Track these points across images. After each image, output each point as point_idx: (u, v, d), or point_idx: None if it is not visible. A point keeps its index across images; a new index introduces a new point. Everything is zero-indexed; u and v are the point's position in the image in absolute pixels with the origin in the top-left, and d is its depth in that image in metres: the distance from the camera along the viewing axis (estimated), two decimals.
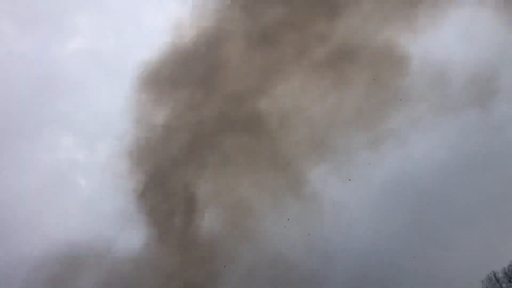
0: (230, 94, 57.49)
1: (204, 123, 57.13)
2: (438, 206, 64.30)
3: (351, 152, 61.48)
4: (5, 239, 55.91)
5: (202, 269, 51.12)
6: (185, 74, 59.32)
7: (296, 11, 58.66)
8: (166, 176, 54.74)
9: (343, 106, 60.77)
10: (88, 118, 71.79)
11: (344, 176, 61.13)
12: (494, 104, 61.67)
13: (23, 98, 69.26)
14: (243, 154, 57.01)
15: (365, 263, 62.90)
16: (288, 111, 59.85)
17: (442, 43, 62.29)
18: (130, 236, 51.87)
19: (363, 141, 61.60)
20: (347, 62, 59.95)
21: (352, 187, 64.46)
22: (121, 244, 51.92)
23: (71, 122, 72.45)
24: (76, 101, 72.77)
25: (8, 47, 70.93)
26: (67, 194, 56.93)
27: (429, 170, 66.00)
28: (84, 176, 63.30)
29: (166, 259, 50.97)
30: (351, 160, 61.65)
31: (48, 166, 65.84)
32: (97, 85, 76.33)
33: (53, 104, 70.93)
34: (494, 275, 47.31)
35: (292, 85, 59.82)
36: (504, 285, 46.69)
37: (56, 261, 50.54)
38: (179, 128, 56.80)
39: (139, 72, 59.21)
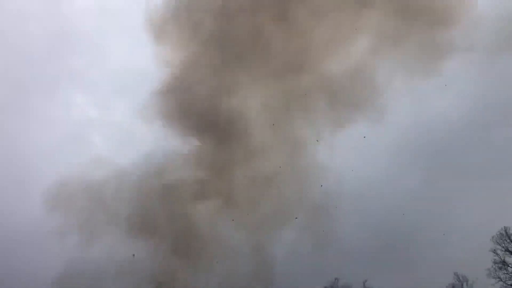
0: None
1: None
2: (452, 162, 63.29)
3: (367, 106, 59.95)
4: (22, 195, 58.84)
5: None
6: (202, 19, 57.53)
7: None
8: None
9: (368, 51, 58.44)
10: (101, 75, 72.49)
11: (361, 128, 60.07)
12: None
13: (36, 56, 69.99)
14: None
15: (379, 219, 63.40)
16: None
17: None
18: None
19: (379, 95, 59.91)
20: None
21: (368, 143, 63.69)
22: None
23: (84, 79, 73.35)
24: (88, 58, 73.36)
25: (20, 5, 70.76)
26: (82, 151, 58.36)
27: (446, 125, 64.37)
28: (99, 133, 64.48)
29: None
30: (366, 115, 60.28)
31: (63, 124, 67.43)
32: (109, 41, 76.22)
33: (66, 61, 71.62)
34: (505, 230, 47.07)
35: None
36: None
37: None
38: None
39: (151, 23, 58.01)
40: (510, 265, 46.08)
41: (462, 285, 48.52)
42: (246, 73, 55.76)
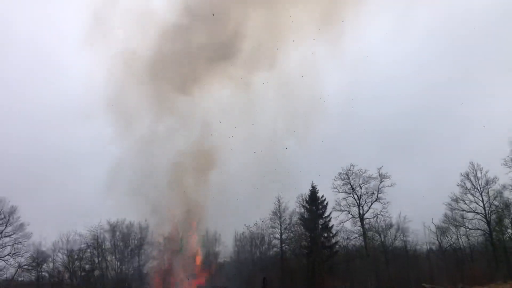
0: None
1: None
2: (483, 52, 60.46)
3: None
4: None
5: None
6: None
7: None
8: None
9: None
10: None
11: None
12: None
13: None
14: None
15: (411, 108, 63.04)
16: None
17: None
18: None
19: None
20: None
21: (400, 27, 60.46)
22: None
23: None
24: None
25: None
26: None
27: (482, 16, 60.17)
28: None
29: None
30: None
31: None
32: None
33: None
34: None
35: None
36: None
37: None
38: None
39: None
40: None
41: (476, 173, 49.04)
42: None
